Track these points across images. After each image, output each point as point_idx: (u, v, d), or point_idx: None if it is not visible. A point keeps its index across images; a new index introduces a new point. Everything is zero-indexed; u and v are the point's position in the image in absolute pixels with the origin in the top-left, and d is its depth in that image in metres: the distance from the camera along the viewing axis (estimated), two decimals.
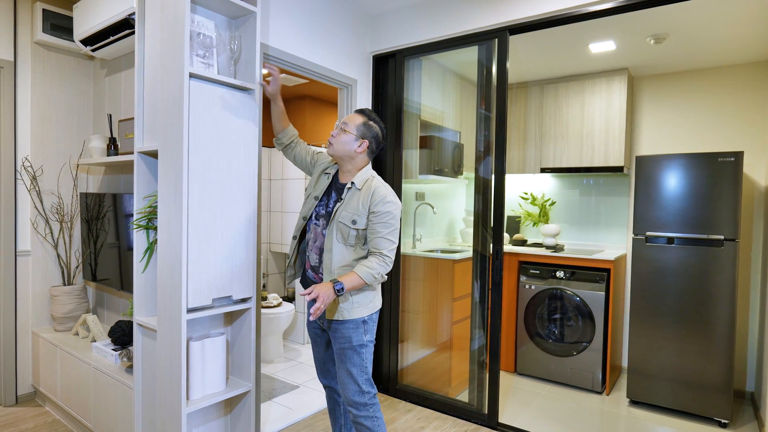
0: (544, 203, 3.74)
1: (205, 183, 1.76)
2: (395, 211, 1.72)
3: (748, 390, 3.13)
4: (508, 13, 2.50)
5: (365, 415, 1.76)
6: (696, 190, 2.77)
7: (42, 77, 2.79)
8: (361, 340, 1.76)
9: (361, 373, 1.76)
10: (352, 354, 1.76)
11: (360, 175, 1.79)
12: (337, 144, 1.79)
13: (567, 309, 3.25)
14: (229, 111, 1.84)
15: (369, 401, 1.76)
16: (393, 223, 1.71)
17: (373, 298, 1.82)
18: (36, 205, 2.78)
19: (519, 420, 2.71)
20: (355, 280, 1.67)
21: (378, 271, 1.68)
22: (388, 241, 1.71)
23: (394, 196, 1.76)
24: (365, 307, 1.78)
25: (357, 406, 1.76)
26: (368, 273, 1.67)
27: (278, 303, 3.66)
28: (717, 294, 2.70)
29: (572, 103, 3.50)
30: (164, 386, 1.77)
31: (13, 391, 2.75)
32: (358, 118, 1.82)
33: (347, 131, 1.78)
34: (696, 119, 3.33)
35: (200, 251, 1.75)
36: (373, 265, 1.68)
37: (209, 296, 1.79)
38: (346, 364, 1.77)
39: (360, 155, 1.80)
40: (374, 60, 3.08)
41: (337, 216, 1.75)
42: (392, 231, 1.72)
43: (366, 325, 1.78)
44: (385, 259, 1.70)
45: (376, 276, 1.68)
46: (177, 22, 1.69)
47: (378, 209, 1.70)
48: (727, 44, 2.83)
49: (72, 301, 2.78)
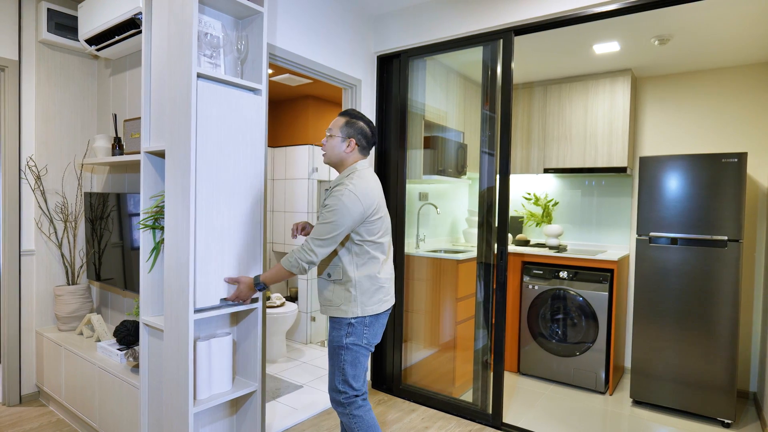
0: (547, 204, 3.74)
1: (212, 182, 1.76)
2: (336, 206, 1.65)
3: (751, 390, 3.13)
4: (513, 14, 2.50)
5: (341, 412, 1.83)
6: (699, 191, 2.78)
7: (46, 77, 2.78)
8: (341, 341, 1.78)
9: (338, 372, 1.80)
10: (333, 353, 1.81)
11: (341, 175, 1.81)
12: (328, 151, 1.83)
13: (570, 309, 3.25)
14: (236, 111, 1.84)
15: (344, 400, 1.80)
16: (328, 216, 1.66)
17: (355, 301, 1.76)
18: (40, 205, 2.78)
19: (523, 420, 2.71)
20: (276, 270, 1.74)
21: (294, 256, 1.68)
22: (317, 231, 1.66)
23: (353, 195, 1.67)
24: (341, 309, 1.76)
25: (333, 402, 1.84)
26: (286, 259, 1.70)
27: (281, 303, 3.67)
28: (720, 294, 2.71)
29: (576, 104, 3.51)
30: (171, 386, 1.77)
31: (17, 390, 2.75)
32: (339, 120, 1.84)
33: (333, 136, 1.82)
34: (699, 120, 3.33)
35: (208, 251, 1.75)
36: (294, 251, 1.69)
37: (216, 297, 1.79)
38: (330, 361, 1.84)
39: (351, 155, 1.82)
40: (378, 60, 3.08)
41: None
42: (325, 224, 1.65)
43: (352, 327, 1.77)
44: (305, 246, 1.67)
45: (292, 261, 1.68)
46: (185, 23, 1.69)
47: (324, 201, 1.73)
48: (731, 45, 2.83)
49: (76, 300, 2.78)
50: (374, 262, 1.79)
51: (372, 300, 1.79)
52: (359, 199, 1.69)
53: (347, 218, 1.67)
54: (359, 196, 1.69)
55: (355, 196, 1.68)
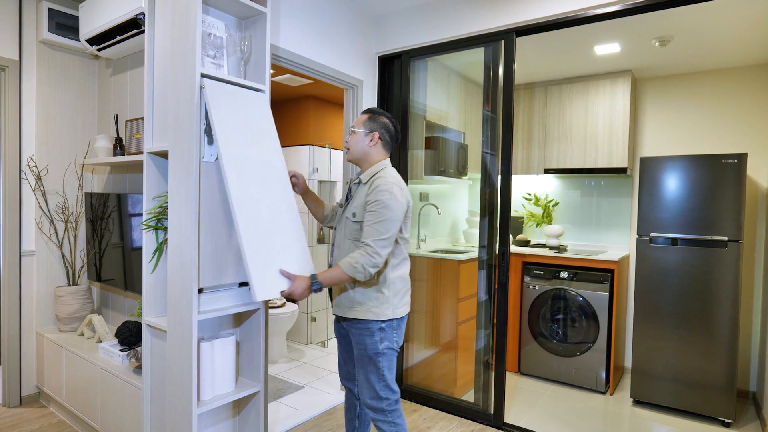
0: (547, 204, 3.75)
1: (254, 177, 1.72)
2: (388, 201, 1.61)
3: (750, 390, 3.15)
4: (515, 15, 2.50)
5: (383, 420, 1.73)
6: (700, 192, 2.79)
7: (47, 76, 2.77)
8: (375, 348, 1.71)
9: (378, 380, 1.72)
10: (368, 362, 1.72)
11: (369, 171, 1.77)
12: (352, 146, 1.80)
13: (571, 309, 3.26)
14: (241, 111, 1.83)
15: (387, 407, 1.72)
16: (383, 213, 1.60)
17: (387, 302, 1.73)
18: (41, 205, 2.76)
19: (524, 420, 2.72)
20: (336, 273, 1.59)
21: (359, 261, 1.57)
22: (375, 231, 1.60)
23: (397, 188, 1.65)
24: (371, 311, 1.70)
25: (375, 410, 1.74)
26: (349, 264, 1.58)
27: (282, 303, 3.66)
28: (720, 294, 2.72)
29: (576, 105, 3.52)
30: (174, 387, 1.77)
31: (17, 391, 2.74)
32: (362, 117, 1.83)
33: (356, 131, 1.80)
34: (699, 121, 3.34)
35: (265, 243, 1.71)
36: (356, 256, 1.58)
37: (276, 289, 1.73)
38: (363, 369, 1.74)
39: (374, 149, 1.78)
40: (380, 61, 3.09)
41: (345, 212, 1.76)
42: (381, 222, 1.60)
43: (383, 332, 1.71)
44: (368, 249, 1.58)
45: (357, 267, 1.57)
46: (189, 23, 1.69)
47: (370, 198, 1.65)
48: (731, 46, 2.84)
49: (77, 301, 2.77)
50: (406, 263, 1.78)
51: (402, 301, 1.76)
52: (403, 192, 1.67)
53: (399, 212, 1.63)
54: (402, 189, 1.67)
55: (400, 189, 1.66)
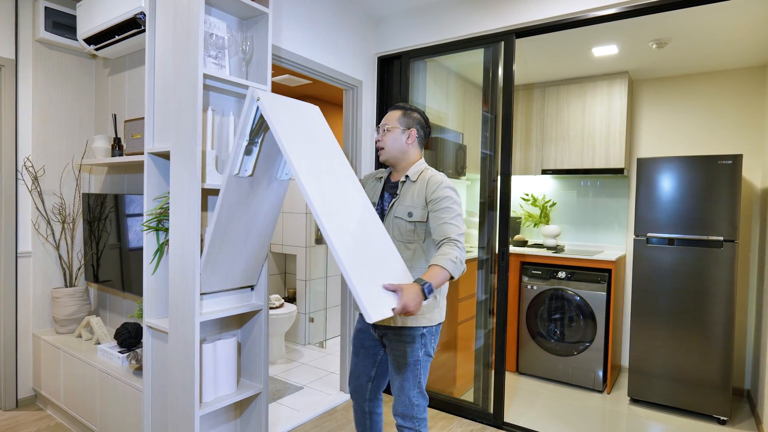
0: (544, 204, 3.78)
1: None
2: (455, 196, 1.61)
3: (745, 388, 3.19)
4: (515, 17, 2.52)
5: (410, 427, 1.69)
6: (695, 192, 2.82)
7: (44, 76, 2.75)
8: (417, 355, 1.66)
9: (413, 386, 1.68)
10: (406, 369, 1.67)
11: (413, 168, 1.71)
12: (388, 144, 1.72)
13: (568, 309, 3.28)
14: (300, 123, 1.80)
15: (417, 414, 1.67)
16: (455, 209, 1.58)
17: (438, 306, 1.69)
18: (37, 206, 2.74)
19: (523, 419, 2.73)
20: (439, 273, 1.42)
21: (456, 255, 1.46)
22: (455, 227, 1.54)
23: (451, 183, 1.65)
24: (425, 317, 1.65)
25: (404, 417, 1.69)
26: (447, 260, 1.44)
27: (280, 304, 3.66)
28: (716, 294, 2.75)
29: (573, 106, 3.54)
30: (176, 388, 1.76)
31: (13, 394, 2.71)
32: (395, 113, 1.76)
33: (391, 129, 1.72)
34: (695, 122, 3.38)
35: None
36: (449, 251, 1.47)
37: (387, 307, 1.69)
38: (400, 377, 1.69)
39: (411, 146, 1.73)
40: (379, 61, 3.09)
41: (393, 212, 1.68)
42: (456, 216, 1.57)
43: (424, 338, 1.67)
44: (457, 243, 1.50)
45: (456, 261, 1.45)
46: (191, 23, 1.68)
47: (436, 196, 1.60)
48: (727, 49, 2.88)
49: (74, 302, 2.74)
50: None
51: (444, 303, 1.73)
52: (455, 189, 1.65)
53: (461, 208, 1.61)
54: (454, 188, 1.64)
55: (454, 186, 1.64)
